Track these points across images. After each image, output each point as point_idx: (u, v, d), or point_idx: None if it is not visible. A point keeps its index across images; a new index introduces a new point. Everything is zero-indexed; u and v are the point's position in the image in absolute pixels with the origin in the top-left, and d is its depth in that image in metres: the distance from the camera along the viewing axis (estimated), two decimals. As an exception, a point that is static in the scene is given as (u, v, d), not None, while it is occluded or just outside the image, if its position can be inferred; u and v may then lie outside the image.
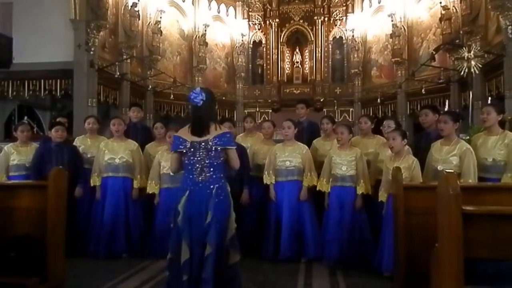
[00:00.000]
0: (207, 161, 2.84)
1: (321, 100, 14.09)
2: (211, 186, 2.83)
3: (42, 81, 9.15)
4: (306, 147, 4.68)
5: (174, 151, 2.96)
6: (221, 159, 2.90)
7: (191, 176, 2.86)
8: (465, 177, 3.69)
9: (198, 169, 2.84)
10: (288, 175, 4.52)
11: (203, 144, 2.85)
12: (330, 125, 5.00)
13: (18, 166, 4.80)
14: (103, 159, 4.74)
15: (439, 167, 3.80)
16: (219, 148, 2.87)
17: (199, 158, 2.85)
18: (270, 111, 14.72)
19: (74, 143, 5.08)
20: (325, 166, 4.45)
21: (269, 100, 14.67)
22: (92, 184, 4.76)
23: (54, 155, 4.65)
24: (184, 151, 2.87)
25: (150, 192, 4.66)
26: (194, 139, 2.87)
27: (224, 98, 14.24)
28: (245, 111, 14.80)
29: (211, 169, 2.85)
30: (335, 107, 14.27)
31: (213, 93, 3.10)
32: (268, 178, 4.55)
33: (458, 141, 3.90)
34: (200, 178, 2.84)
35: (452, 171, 3.48)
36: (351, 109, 14.33)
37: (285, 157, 4.54)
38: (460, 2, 10.00)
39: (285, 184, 4.53)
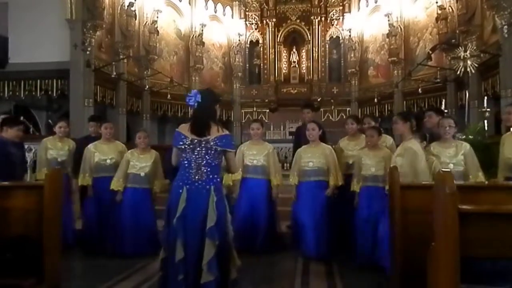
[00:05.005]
0: (205, 160, 2.82)
1: (318, 99, 14.10)
2: (208, 186, 2.80)
3: (38, 81, 9.13)
4: (330, 147, 4.80)
5: (174, 147, 2.94)
6: (219, 160, 2.89)
7: (187, 174, 2.82)
8: (405, 178, 3.67)
9: (195, 168, 2.81)
10: (312, 175, 4.63)
11: (203, 143, 2.83)
12: (355, 125, 5.01)
13: None
14: (93, 160, 4.85)
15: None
16: (218, 149, 2.85)
17: (197, 156, 2.82)
18: (267, 111, 14.73)
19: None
20: (356, 167, 4.53)
21: (266, 100, 14.68)
22: (80, 184, 4.85)
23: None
24: (183, 147, 2.84)
25: (115, 190, 4.67)
26: (194, 137, 2.85)
27: (221, 98, 14.18)
28: (242, 111, 14.82)
29: (208, 169, 2.83)
30: (332, 107, 14.31)
31: (212, 93, 3.07)
32: (293, 179, 4.71)
33: (406, 142, 3.92)
34: (196, 176, 2.81)
35: (449, 170, 3.49)
36: (348, 109, 14.36)
37: (308, 158, 4.67)
38: (456, 2, 10.03)
39: (309, 184, 4.63)
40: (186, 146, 2.83)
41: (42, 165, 5.00)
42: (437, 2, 10.73)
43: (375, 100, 12.74)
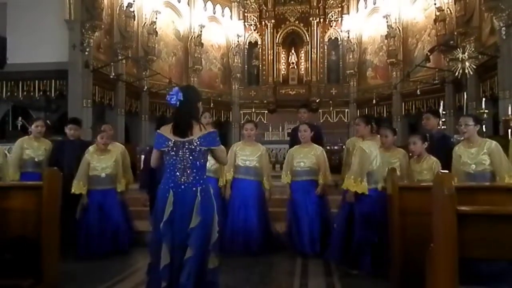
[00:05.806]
0: (190, 162, 2.72)
1: (317, 101, 14.14)
2: (194, 188, 2.71)
3: (37, 81, 9.14)
4: (321, 148, 4.91)
5: (156, 149, 2.82)
6: (204, 160, 2.79)
7: (173, 177, 2.73)
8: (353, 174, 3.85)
9: (181, 170, 2.72)
10: (303, 175, 4.74)
11: (187, 144, 2.72)
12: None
13: None
14: None
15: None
16: (203, 149, 2.75)
17: (182, 158, 2.72)
18: (266, 112, 14.74)
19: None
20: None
21: (265, 101, 14.69)
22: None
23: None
24: (167, 150, 2.74)
25: (77, 193, 4.58)
26: (177, 139, 2.74)
27: (220, 99, 14.26)
28: (241, 112, 14.83)
29: (194, 170, 2.73)
30: (331, 108, 14.33)
31: (194, 91, 2.95)
32: (285, 178, 4.81)
33: (361, 142, 4.03)
34: (182, 179, 2.71)
35: (447, 172, 3.49)
36: (346, 110, 14.39)
37: (300, 158, 4.79)
38: (455, 4, 10.07)
39: (301, 184, 4.73)
40: (169, 148, 2.73)
41: (15, 165, 4.89)
42: (435, 4, 10.77)
43: (374, 101, 12.76)
